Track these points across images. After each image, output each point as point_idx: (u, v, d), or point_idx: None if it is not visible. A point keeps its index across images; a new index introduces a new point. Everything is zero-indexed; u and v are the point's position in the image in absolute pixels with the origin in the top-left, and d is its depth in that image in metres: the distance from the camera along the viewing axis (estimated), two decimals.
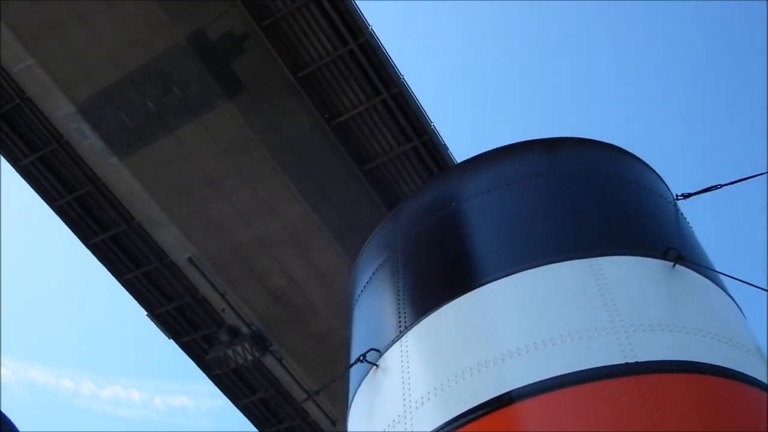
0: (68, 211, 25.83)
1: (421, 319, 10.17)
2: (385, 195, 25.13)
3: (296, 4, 22.65)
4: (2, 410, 18.15)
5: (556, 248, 10.05)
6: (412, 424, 8.91)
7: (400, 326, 10.49)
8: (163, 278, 26.72)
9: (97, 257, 26.55)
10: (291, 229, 25.07)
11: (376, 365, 10.36)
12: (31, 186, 25.47)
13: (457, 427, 8.37)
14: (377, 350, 10.51)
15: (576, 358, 8.38)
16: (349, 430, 10.95)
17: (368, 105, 23.86)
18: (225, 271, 25.98)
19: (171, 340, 27.88)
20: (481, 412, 8.34)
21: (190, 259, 25.81)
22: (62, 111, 23.81)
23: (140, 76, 23.03)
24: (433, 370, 9.43)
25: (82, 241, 26.30)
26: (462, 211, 11.53)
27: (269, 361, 27.65)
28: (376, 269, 12.35)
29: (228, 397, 29.03)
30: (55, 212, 25.85)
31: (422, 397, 9.11)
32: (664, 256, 9.80)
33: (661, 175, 12.70)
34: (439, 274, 11.05)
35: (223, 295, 26.36)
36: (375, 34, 23.34)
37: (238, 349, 26.97)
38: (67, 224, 26.08)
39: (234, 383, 28.76)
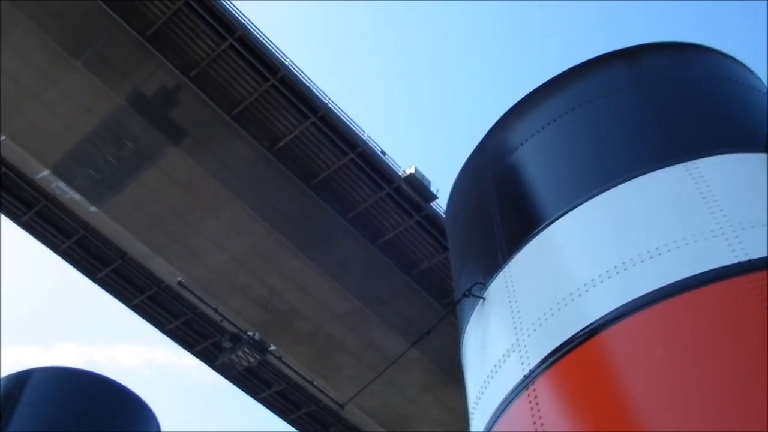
0: (72, 254, 29.29)
1: (521, 248, 9.94)
2: (337, 203, 27.48)
3: (216, 52, 25.06)
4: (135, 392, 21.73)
5: (650, 157, 9.61)
6: (526, 351, 8.74)
7: (501, 257, 10.24)
8: (165, 300, 29.97)
9: (105, 289, 30.01)
10: (258, 247, 27.74)
11: (483, 298, 10.21)
12: (36, 238, 29.02)
13: (577, 345, 8.19)
14: (482, 283, 10.35)
15: (685, 265, 8.06)
16: (464, 364, 10.83)
17: (302, 128, 26.18)
18: (212, 289, 28.95)
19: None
20: (595, 329, 8.15)
21: (179, 283, 28.86)
22: (41, 174, 27.11)
23: (95, 137, 26.00)
24: (540, 296, 9.19)
25: (90, 278, 29.77)
26: (546, 136, 11.08)
27: (272, 359, 30.58)
28: (469, 206, 12.21)
29: (248, 394, 32.19)
30: (61, 257, 29.36)
31: (533, 324, 8.94)
32: (764, 149, 9.33)
33: (752, 69, 11.90)
34: (531, 202, 10.76)
35: (215, 309, 29.39)
36: (292, 66, 25.53)
37: (240, 353, 30.00)
38: (73, 265, 29.57)
39: (250, 381, 31.89)
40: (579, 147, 10.75)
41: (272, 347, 30.28)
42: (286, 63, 25.58)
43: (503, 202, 11.16)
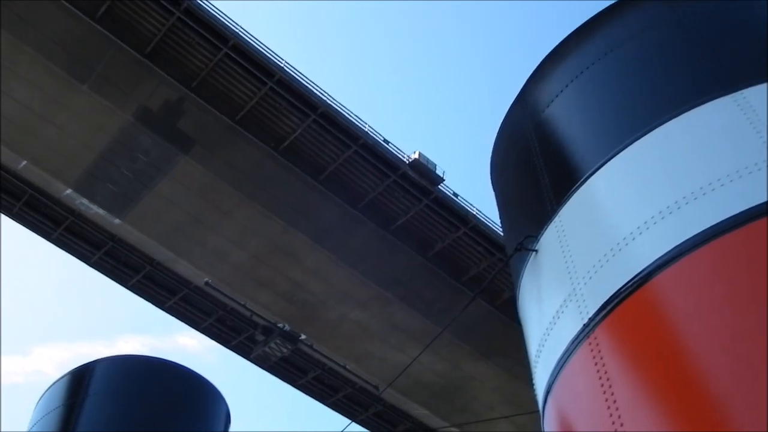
0: (104, 264, 30.70)
1: (570, 197, 9.73)
2: (346, 195, 28.37)
3: (213, 62, 26.02)
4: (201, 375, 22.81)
5: (694, 92, 9.26)
6: (584, 300, 8.63)
7: (549, 209, 10.07)
8: (195, 299, 31.26)
9: (139, 295, 31.40)
10: (276, 243, 28.78)
11: (535, 251, 10.11)
12: (68, 252, 30.49)
13: (634, 289, 8.06)
14: (533, 236, 10.22)
15: (739, 198, 7.78)
16: (522, 318, 10.77)
17: (304, 126, 27.04)
18: (238, 287, 30.11)
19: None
20: (650, 272, 8.00)
21: (206, 283, 30.08)
22: (64, 192, 28.47)
23: (110, 153, 27.22)
24: (593, 244, 9.02)
25: (123, 285, 31.17)
26: (585, 81, 10.81)
27: (305, 348, 31.71)
28: (513, 160, 12.04)
29: (287, 382, 33.43)
30: (94, 268, 30.80)
31: (588, 272, 8.78)
32: None
33: None
34: (576, 150, 10.50)
35: (244, 305, 30.56)
36: (287, 68, 26.39)
37: (273, 345, 31.18)
38: (106, 275, 31.00)
39: (287, 369, 33.10)
40: (620, 88, 10.44)
41: (303, 336, 31.31)
42: (282, 65, 26.41)
43: (547, 153, 10.89)
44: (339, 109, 27.10)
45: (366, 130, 27.54)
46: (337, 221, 28.60)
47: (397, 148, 28.16)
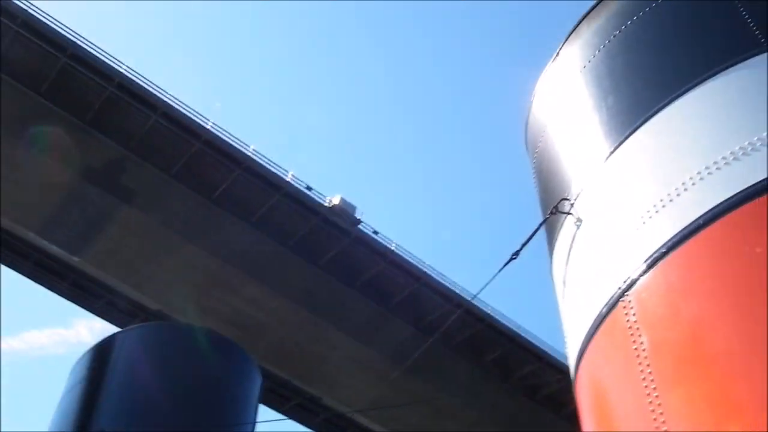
0: (71, 293, 34.53)
1: (604, 163, 9.50)
2: (279, 233, 31.76)
3: (149, 124, 29.42)
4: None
5: (729, 51, 8.97)
6: (621, 266, 8.37)
7: (584, 174, 9.90)
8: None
9: (103, 318, 35.22)
10: (216, 276, 32.33)
11: (570, 214, 9.84)
12: (39, 284, 34.34)
13: (659, 258, 7.93)
14: (567, 199, 9.99)
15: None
16: (555, 282, 10.57)
17: (233, 177, 30.43)
18: (188, 314, 33.79)
19: None
20: (682, 238, 7.84)
21: (160, 312, 33.80)
22: (29, 234, 32.23)
23: (64, 204, 30.86)
24: (628, 209, 8.74)
25: (89, 310, 34.99)
26: (612, 51, 10.56)
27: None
28: (545, 127, 11.66)
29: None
30: (64, 297, 34.61)
31: (623, 238, 8.56)
32: None
33: None
34: (606, 117, 10.03)
35: None
36: (214, 129, 29.75)
37: None
38: (74, 302, 34.83)
39: None
40: (652, 51, 10.19)
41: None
42: (207, 127, 29.72)
43: (582, 116, 10.57)
44: (262, 162, 30.41)
45: (288, 179, 30.81)
46: (270, 258, 32.01)
47: (319, 194, 31.52)
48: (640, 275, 8.08)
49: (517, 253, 10.74)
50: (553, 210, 10.14)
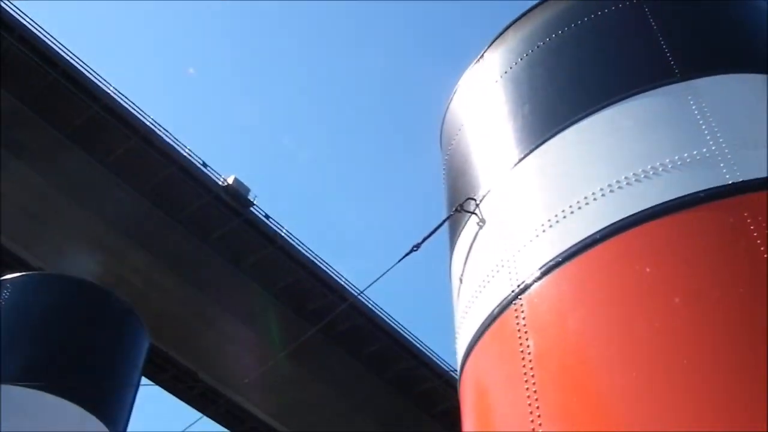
0: None
1: (515, 165, 9.77)
2: (170, 206, 31.70)
3: (48, 81, 29.09)
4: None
5: (648, 76, 9.36)
6: (516, 270, 8.68)
7: (492, 176, 10.16)
8: None
9: None
10: (103, 240, 32.13)
11: (474, 213, 10.07)
12: None
13: (567, 259, 8.18)
14: (473, 198, 10.21)
15: (676, 185, 7.98)
16: (453, 280, 10.68)
17: (129, 145, 30.27)
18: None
19: None
20: (579, 249, 8.12)
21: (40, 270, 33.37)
22: None
23: None
24: (532, 212, 9.05)
25: None
26: (535, 60, 10.84)
27: None
28: (461, 127, 11.86)
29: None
30: None
31: (522, 242, 8.86)
32: (766, 70, 9.09)
33: None
34: (521, 124, 10.29)
35: None
36: (114, 94, 29.58)
37: None
38: None
39: None
40: (574, 65, 10.48)
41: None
42: (108, 91, 29.59)
43: (493, 126, 10.85)
44: (160, 133, 30.37)
45: (184, 153, 30.89)
46: (159, 229, 31.97)
47: (215, 171, 31.65)
48: (534, 281, 8.36)
49: (417, 246, 10.78)
50: (458, 207, 10.36)
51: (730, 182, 7.78)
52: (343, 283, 34.32)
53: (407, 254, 10.98)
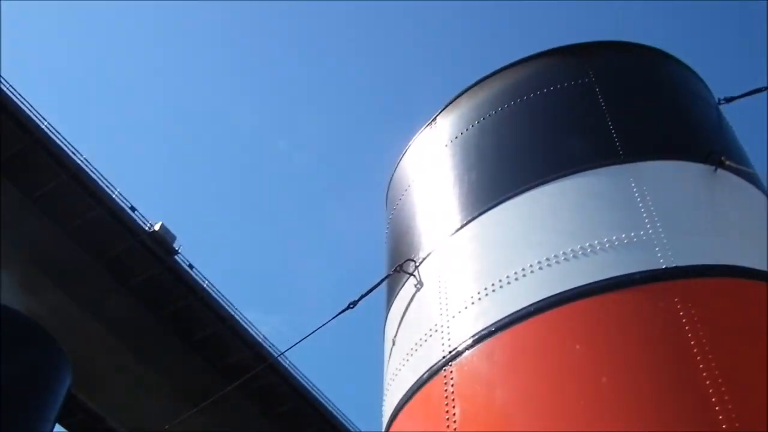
0: None
1: (456, 232, 9.85)
2: (93, 247, 31.14)
3: None
4: None
5: (592, 155, 9.62)
6: (449, 332, 8.76)
7: (433, 240, 10.19)
8: None
9: None
10: (25, 274, 31.25)
11: (413, 275, 10.11)
12: None
13: (499, 330, 8.26)
14: (413, 260, 10.28)
15: (612, 265, 8.14)
16: (387, 339, 10.66)
17: (58, 181, 29.77)
18: None
19: None
20: (512, 320, 8.25)
21: None
22: None
23: None
24: (469, 281, 9.16)
25: None
26: (486, 128, 10.99)
27: None
28: (407, 188, 11.98)
29: None
30: None
31: (458, 306, 8.93)
32: (705, 160, 9.44)
33: (703, 78, 11.98)
34: (467, 190, 10.40)
35: None
36: (47, 129, 29.16)
37: None
38: None
39: None
40: (523, 137, 10.68)
41: None
42: (42, 126, 29.22)
43: (440, 189, 10.97)
44: (90, 173, 29.93)
45: (114, 196, 30.64)
46: (80, 268, 31.29)
47: (143, 217, 31.36)
48: (466, 348, 8.44)
49: (354, 303, 10.76)
50: (397, 268, 10.43)
51: (664, 267, 7.98)
52: (260, 339, 34.04)
53: (341, 312, 10.95)
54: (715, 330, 7.38)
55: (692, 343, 7.22)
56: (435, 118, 12.14)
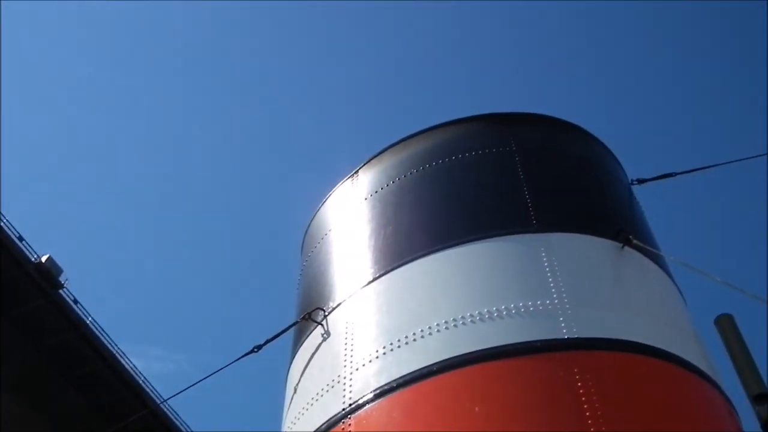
0: None
1: (366, 285, 9.97)
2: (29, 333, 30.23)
3: None
4: None
5: (507, 222, 9.86)
6: (351, 386, 8.87)
7: (344, 291, 10.29)
8: None
9: None
10: None
11: (321, 324, 10.20)
12: None
13: (400, 387, 8.35)
14: (322, 309, 10.37)
15: (516, 331, 8.32)
16: (288, 387, 10.67)
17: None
18: None
19: None
20: (414, 378, 8.36)
21: None
22: None
23: None
24: (374, 334, 9.23)
25: None
26: (406, 185, 11.16)
27: None
28: (324, 236, 12.05)
29: None
30: None
31: (363, 360, 9.00)
32: (614, 237, 9.77)
33: (619, 158, 12.44)
34: (381, 244, 10.50)
35: None
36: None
37: None
38: None
39: None
40: (441, 198, 10.81)
41: None
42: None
43: (353, 243, 11.06)
44: None
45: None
46: None
47: (30, 247, 30.38)
48: (366, 402, 8.47)
49: (259, 348, 10.60)
50: (305, 315, 10.48)
51: (566, 336, 8.21)
52: (141, 381, 33.23)
53: (244, 355, 10.76)
54: (610, 402, 7.60)
55: (588, 414, 7.40)
56: (357, 171, 12.28)
